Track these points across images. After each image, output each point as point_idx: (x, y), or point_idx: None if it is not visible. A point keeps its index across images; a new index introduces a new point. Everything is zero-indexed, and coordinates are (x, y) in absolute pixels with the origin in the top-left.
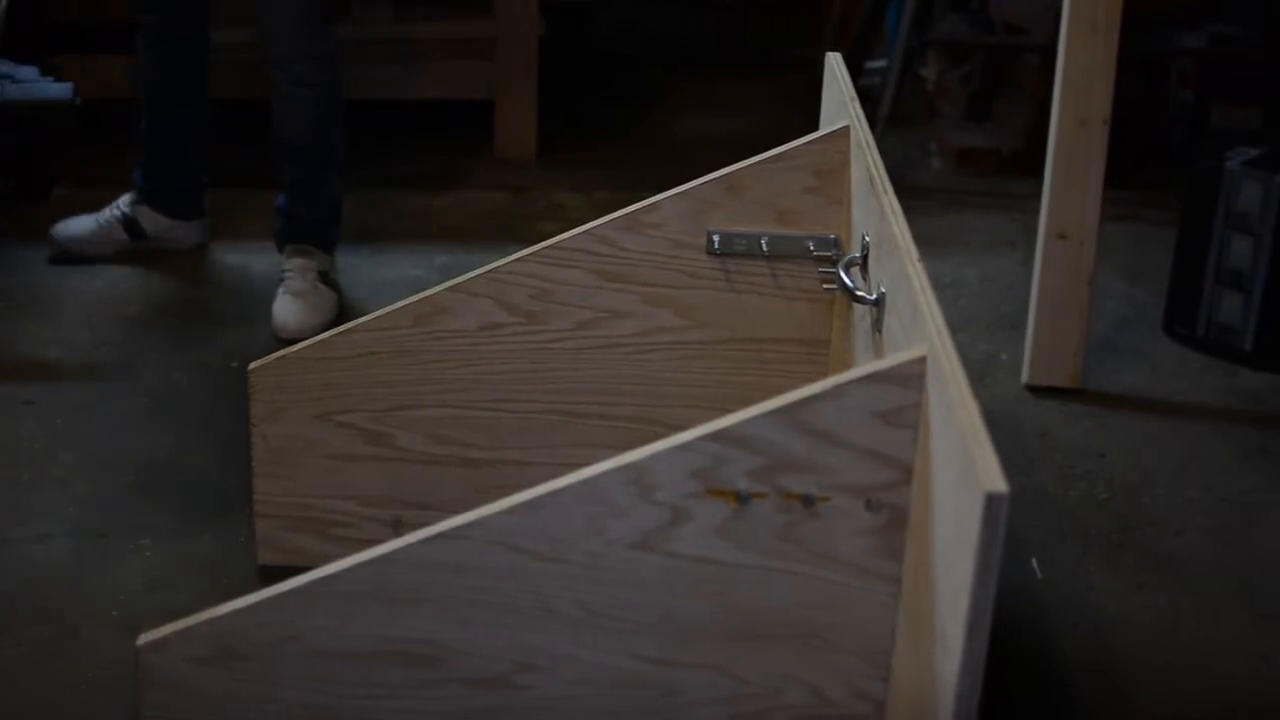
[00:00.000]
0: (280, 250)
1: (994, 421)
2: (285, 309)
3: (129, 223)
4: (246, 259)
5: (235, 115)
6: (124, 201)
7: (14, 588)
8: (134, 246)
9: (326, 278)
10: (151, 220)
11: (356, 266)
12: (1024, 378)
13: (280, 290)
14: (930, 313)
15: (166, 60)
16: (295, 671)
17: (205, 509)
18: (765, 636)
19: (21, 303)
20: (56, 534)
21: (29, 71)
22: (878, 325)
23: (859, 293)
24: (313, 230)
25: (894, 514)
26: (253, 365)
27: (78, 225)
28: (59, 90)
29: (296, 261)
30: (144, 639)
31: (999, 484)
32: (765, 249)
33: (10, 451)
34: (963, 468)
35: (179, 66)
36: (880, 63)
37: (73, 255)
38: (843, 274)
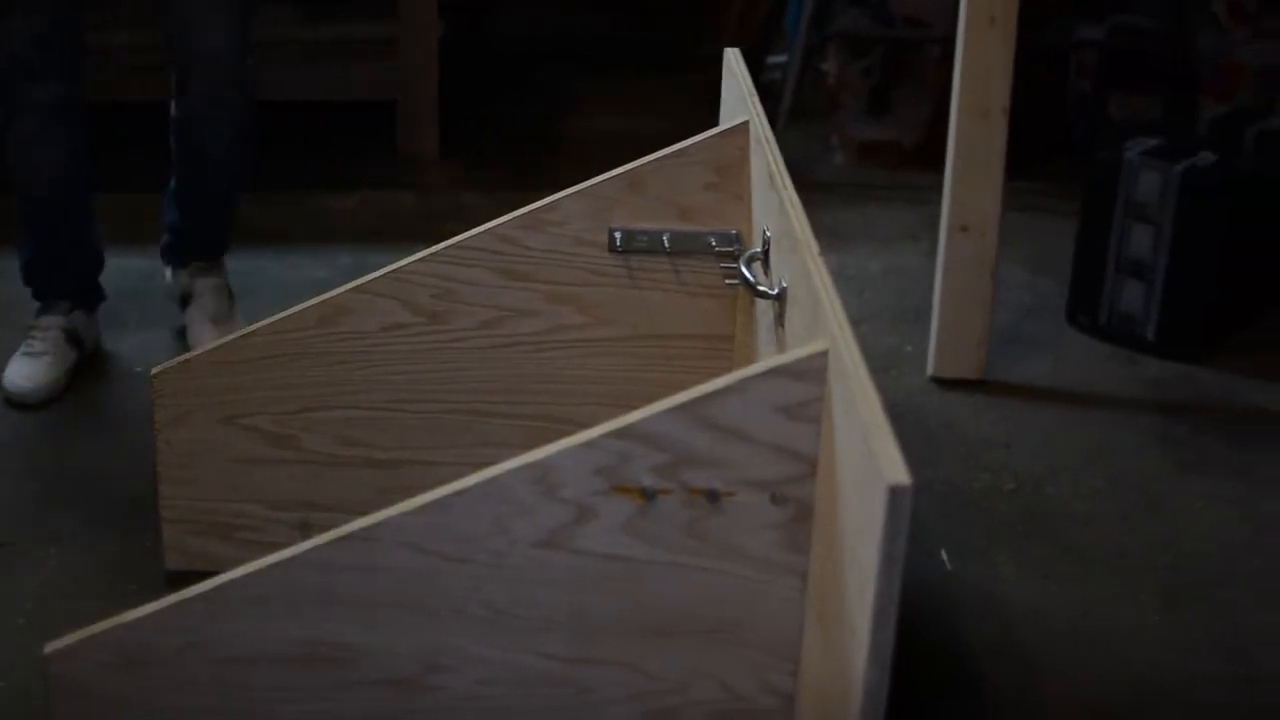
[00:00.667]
0: (176, 265)
1: (899, 414)
2: (207, 334)
3: (72, 336)
4: (143, 264)
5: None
6: (56, 320)
7: None
8: (81, 361)
9: (229, 290)
10: (85, 323)
11: (261, 268)
12: (929, 370)
13: (193, 313)
14: (832, 306)
15: (75, 137)
16: (205, 676)
17: (111, 515)
18: (674, 632)
19: None
20: None
21: None
22: (780, 320)
23: (761, 288)
24: (218, 244)
25: (799, 508)
26: (155, 370)
27: (33, 372)
28: None
29: (210, 282)
30: (51, 647)
31: (902, 476)
32: (667, 245)
33: None
34: (866, 461)
35: (85, 138)
36: (781, 58)
37: (44, 401)
38: (744, 269)
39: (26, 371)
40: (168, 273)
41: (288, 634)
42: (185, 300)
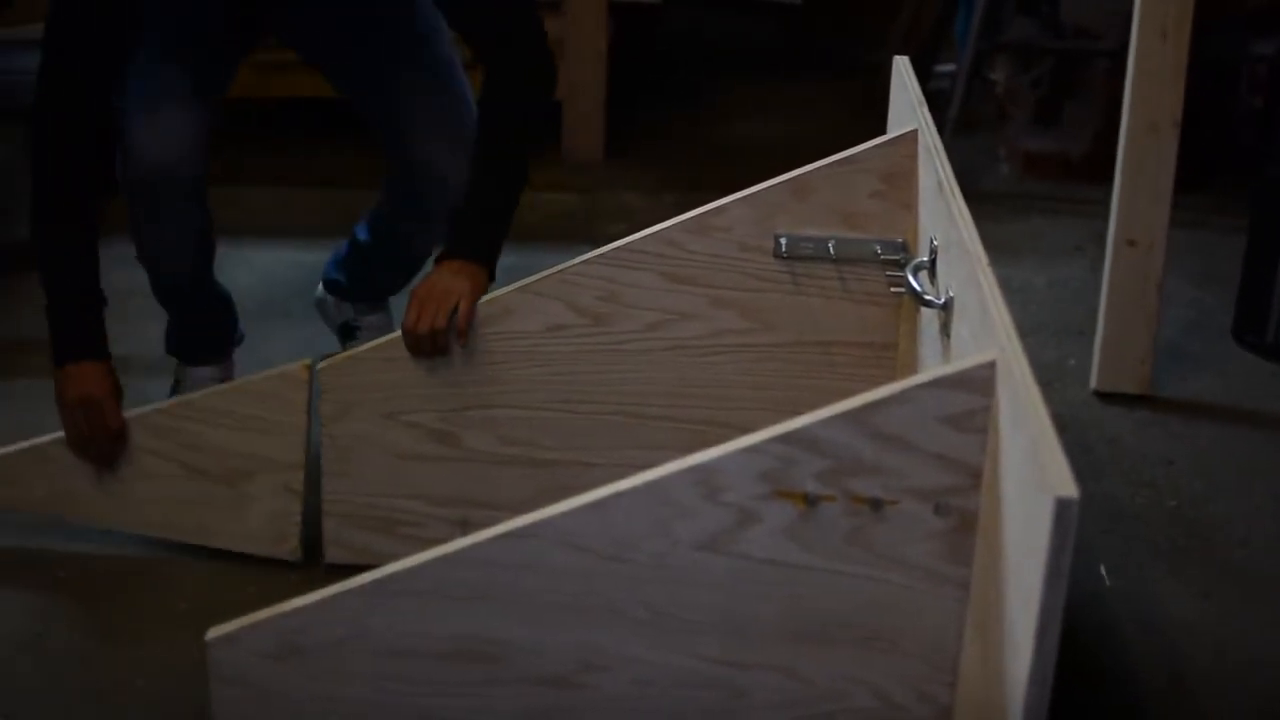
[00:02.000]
0: (347, 299)
1: (1062, 427)
2: None
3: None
4: (308, 257)
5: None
6: (207, 374)
7: (86, 576)
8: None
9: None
10: (226, 367)
11: (426, 267)
12: (1092, 384)
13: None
14: (999, 317)
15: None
16: (361, 668)
17: None
18: (832, 639)
19: None
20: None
21: None
22: (945, 330)
23: (927, 297)
24: (395, 290)
25: (962, 518)
26: (321, 364)
27: None
28: None
29: (375, 319)
30: (213, 633)
31: (1070, 489)
32: (832, 252)
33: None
34: (1033, 472)
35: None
36: (949, 66)
37: None
38: (910, 278)
39: None
40: (321, 288)
41: (445, 629)
42: (345, 332)
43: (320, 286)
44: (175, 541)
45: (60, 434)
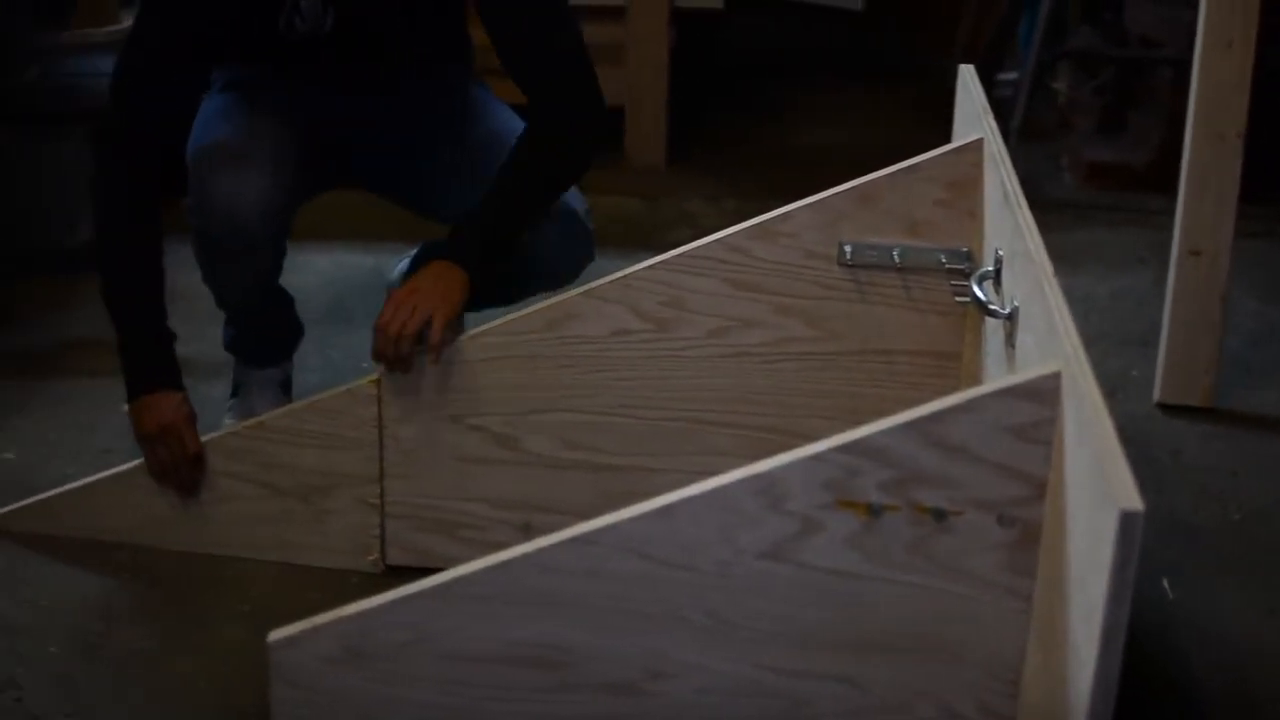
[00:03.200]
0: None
1: (1125, 439)
2: None
3: (285, 385)
4: (368, 259)
5: None
6: (270, 376)
7: (150, 580)
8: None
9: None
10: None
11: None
12: (1155, 395)
13: None
14: (1065, 328)
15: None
16: (424, 672)
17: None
18: (894, 649)
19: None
20: None
21: None
22: (1010, 340)
23: (992, 306)
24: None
25: (1026, 530)
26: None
27: None
28: None
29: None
30: (275, 636)
31: (1135, 502)
32: (897, 261)
33: None
34: (1097, 485)
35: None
36: (1011, 75)
37: None
38: (975, 287)
39: None
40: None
41: (509, 634)
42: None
43: (386, 292)
44: None
45: (140, 462)
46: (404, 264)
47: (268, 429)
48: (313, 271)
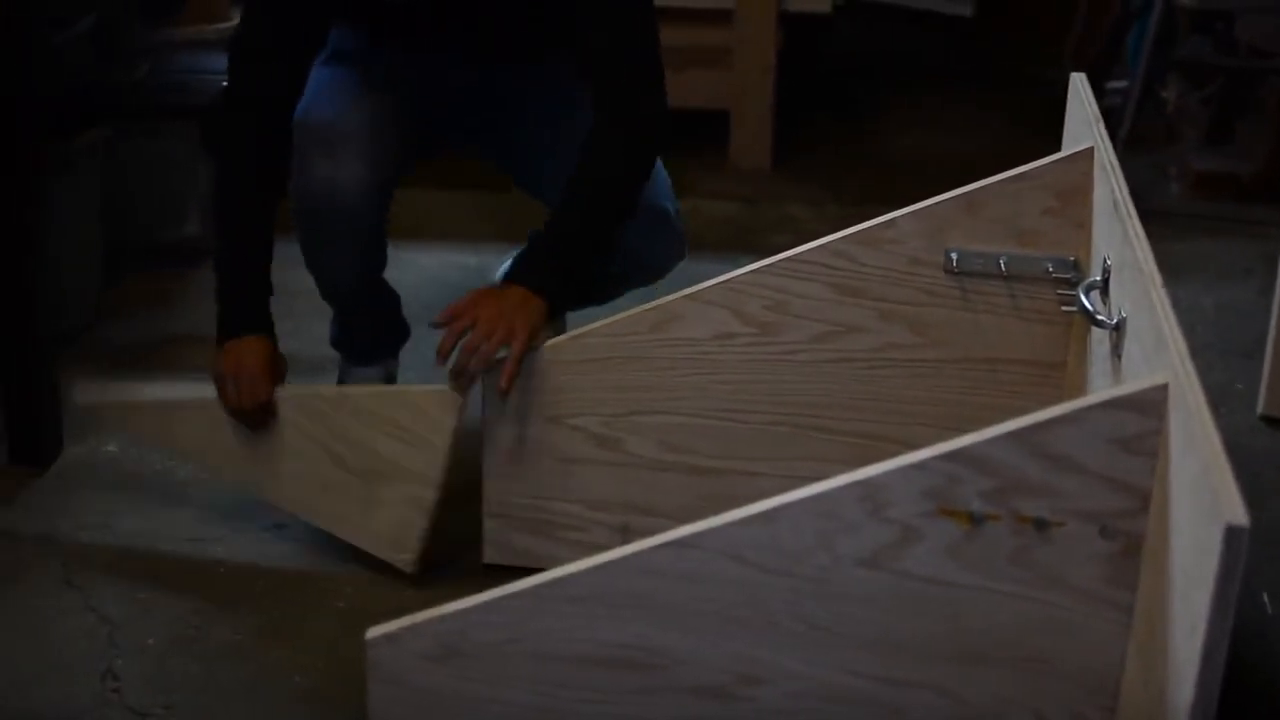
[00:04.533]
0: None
1: (1228, 452)
2: None
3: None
4: (472, 259)
5: None
6: (370, 374)
7: (246, 575)
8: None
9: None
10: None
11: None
12: (1259, 408)
13: None
14: (1174, 340)
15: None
16: (520, 672)
17: None
18: (991, 659)
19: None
20: (288, 524)
21: None
22: (1117, 350)
23: (1099, 317)
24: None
25: (1129, 542)
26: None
27: None
28: None
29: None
30: (373, 633)
31: (1241, 517)
32: (1003, 269)
33: None
34: (1203, 499)
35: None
36: (1120, 83)
37: None
38: (1083, 297)
39: None
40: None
41: (605, 635)
42: None
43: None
44: (333, 549)
45: None
46: (507, 264)
47: (349, 401)
48: (415, 269)
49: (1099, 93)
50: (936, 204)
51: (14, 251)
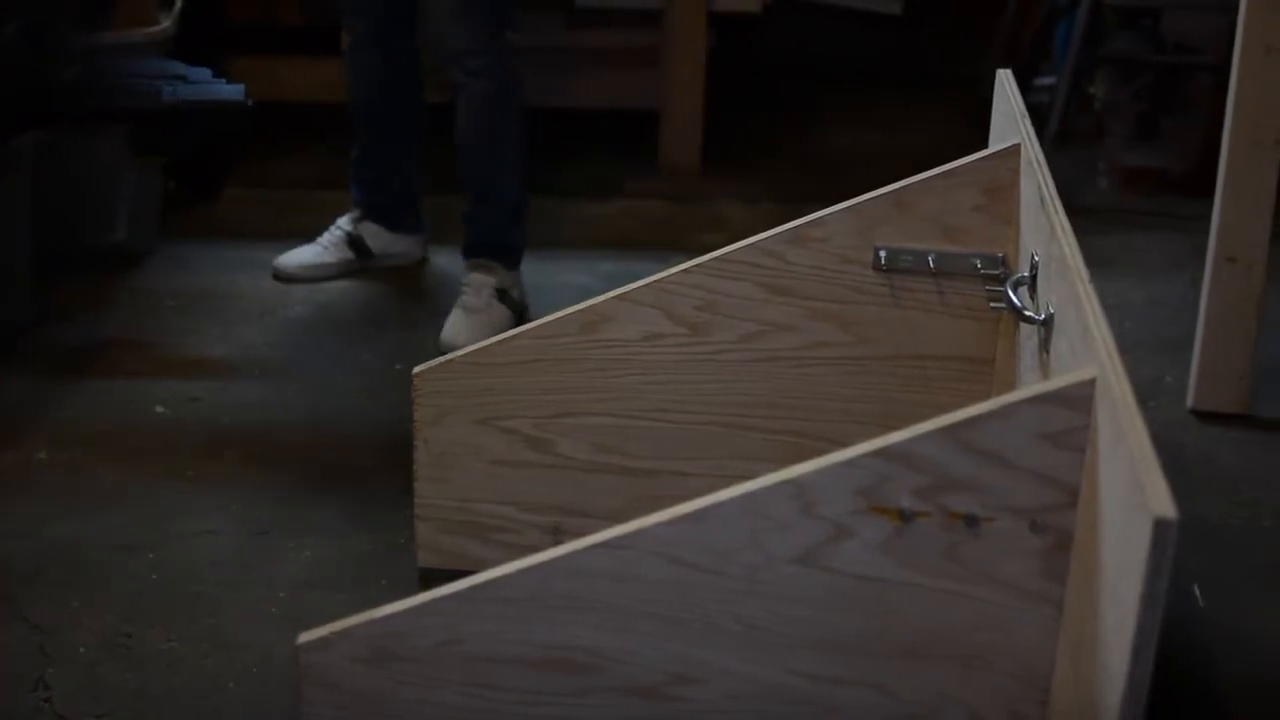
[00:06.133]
0: (465, 261)
1: (1158, 446)
2: (454, 324)
3: (354, 241)
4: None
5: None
6: (345, 220)
7: (176, 581)
8: (360, 265)
9: (505, 295)
10: (375, 236)
11: (523, 273)
12: (1189, 402)
13: (456, 305)
14: (1100, 334)
15: (379, 70)
16: (454, 675)
17: (366, 510)
18: (925, 656)
19: (190, 301)
20: (220, 530)
21: (202, 73)
22: (1045, 345)
23: (1027, 312)
24: (493, 240)
25: (1059, 537)
26: (417, 369)
27: (303, 254)
28: (231, 92)
29: (474, 277)
30: (304, 638)
31: (1169, 510)
32: (932, 266)
33: (176, 448)
34: (1131, 492)
35: (392, 75)
36: (1049, 80)
37: (300, 280)
38: (1010, 293)
39: (295, 253)
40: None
41: (538, 637)
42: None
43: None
44: (266, 555)
45: None
46: None
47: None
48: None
49: (1027, 89)
50: (865, 202)
51: None
